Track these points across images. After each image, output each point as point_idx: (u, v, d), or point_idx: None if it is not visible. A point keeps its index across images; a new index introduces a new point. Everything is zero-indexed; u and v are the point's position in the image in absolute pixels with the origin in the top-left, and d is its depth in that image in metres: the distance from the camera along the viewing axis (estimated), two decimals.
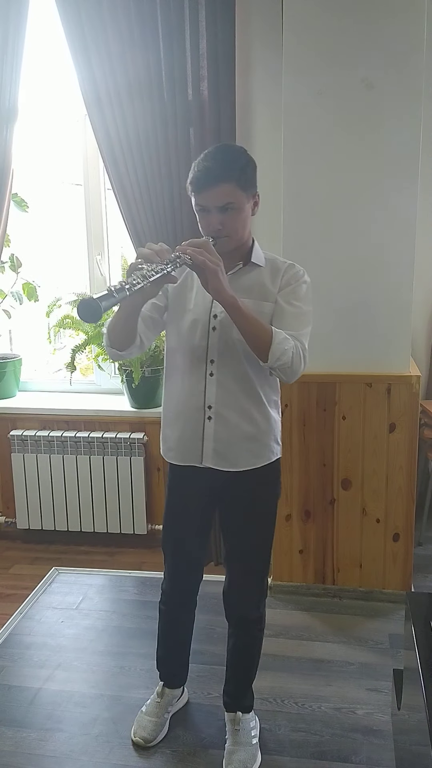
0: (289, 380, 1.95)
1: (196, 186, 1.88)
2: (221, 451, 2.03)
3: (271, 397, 2.08)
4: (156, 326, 2.07)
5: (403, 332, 2.91)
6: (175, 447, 2.10)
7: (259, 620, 2.25)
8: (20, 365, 3.93)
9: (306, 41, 2.75)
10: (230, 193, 1.86)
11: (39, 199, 3.78)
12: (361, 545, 3.07)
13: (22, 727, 2.39)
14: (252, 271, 2.02)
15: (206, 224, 1.92)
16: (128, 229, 3.34)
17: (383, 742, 2.29)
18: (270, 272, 2.02)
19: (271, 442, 2.09)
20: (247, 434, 2.03)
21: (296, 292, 2.00)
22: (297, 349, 1.90)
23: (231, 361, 1.98)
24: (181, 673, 2.46)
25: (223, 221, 1.89)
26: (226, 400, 2.00)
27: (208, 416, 2.02)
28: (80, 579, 3.39)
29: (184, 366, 2.04)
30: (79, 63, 3.17)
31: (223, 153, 1.90)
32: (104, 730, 2.38)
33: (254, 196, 1.96)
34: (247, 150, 1.96)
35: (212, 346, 1.98)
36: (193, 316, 2.01)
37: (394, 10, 2.66)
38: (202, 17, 3.05)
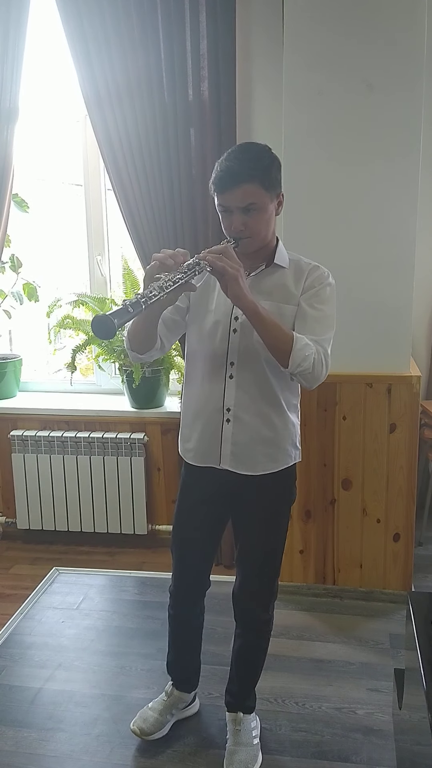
0: (311, 386, 1.92)
1: (219, 186, 1.85)
2: (239, 454, 2.01)
3: (291, 401, 2.06)
4: (177, 328, 2.06)
5: (403, 332, 2.91)
6: (194, 448, 2.09)
7: (267, 622, 2.24)
8: (20, 365, 3.93)
9: (307, 42, 2.76)
10: (253, 193, 1.83)
11: (39, 200, 3.78)
12: (362, 545, 3.08)
13: (22, 726, 2.39)
14: (275, 273, 1.99)
15: (228, 225, 1.89)
16: (129, 229, 3.34)
17: (384, 742, 2.29)
18: (294, 274, 1.99)
19: (289, 446, 2.07)
20: (265, 438, 2.01)
21: (319, 294, 1.97)
22: (318, 355, 1.87)
23: (251, 364, 1.96)
24: (192, 678, 2.43)
25: (246, 222, 1.86)
26: (245, 403, 1.98)
27: (226, 419, 2.00)
28: (81, 579, 3.39)
29: (204, 367, 2.02)
30: (80, 63, 3.17)
31: (246, 152, 1.87)
32: (105, 729, 2.38)
33: (278, 196, 1.92)
34: (271, 148, 1.92)
35: (233, 348, 1.97)
36: (214, 317, 1.99)
37: (394, 12, 2.66)
38: (202, 18, 3.05)
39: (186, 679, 2.42)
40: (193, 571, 2.25)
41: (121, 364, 3.63)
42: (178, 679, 2.41)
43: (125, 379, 3.62)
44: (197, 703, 2.49)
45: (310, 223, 2.89)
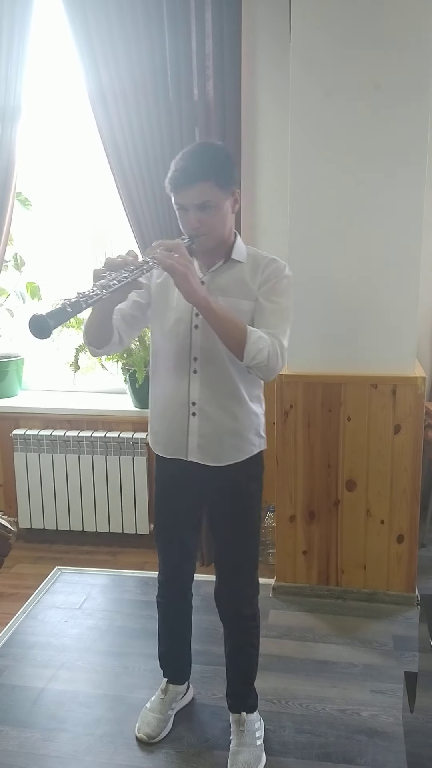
0: (267, 378, 1.98)
1: (174, 185, 1.89)
2: (205, 446, 2.06)
3: (253, 392, 2.10)
4: (137, 323, 2.10)
5: (408, 333, 2.91)
6: (162, 441, 2.14)
7: (253, 617, 2.26)
8: (23, 364, 3.93)
9: (314, 41, 2.74)
10: (207, 191, 1.87)
11: (43, 198, 3.77)
12: (366, 546, 3.07)
13: (25, 727, 2.39)
14: (233, 268, 2.02)
15: (185, 222, 1.93)
16: (132, 228, 3.33)
17: (388, 744, 2.28)
18: (251, 268, 2.02)
19: (252, 435, 2.11)
20: (230, 429, 2.06)
21: (276, 288, 2.00)
22: (274, 347, 1.90)
23: (214, 358, 2.00)
24: (184, 668, 2.46)
25: (202, 219, 1.90)
26: (209, 397, 2.03)
27: (192, 412, 2.05)
28: (83, 579, 3.38)
29: (168, 363, 2.06)
30: (85, 62, 3.17)
31: (200, 152, 1.91)
32: (108, 730, 2.37)
33: (234, 194, 1.96)
34: (225, 147, 1.97)
35: (195, 344, 2.01)
36: (176, 314, 2.02)
37: (402, 11, 2.65)
38: (208, 17, 3.05)
39: (178, 670, 2.45)
40: (176, 560, 2.30)
41: (123, 364, 3.62)
42: (171, 671, 2.44)
43: (128, 379, 3.61)
44: (191, 689, 2.53)
45: (316, 222, 2.88)
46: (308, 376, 2.97)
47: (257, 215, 3.38)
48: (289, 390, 2.99)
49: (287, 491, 3.08)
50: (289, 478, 3.07)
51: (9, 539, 1.91)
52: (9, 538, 1.91)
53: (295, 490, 3.07)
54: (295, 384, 2.98)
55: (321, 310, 2.95)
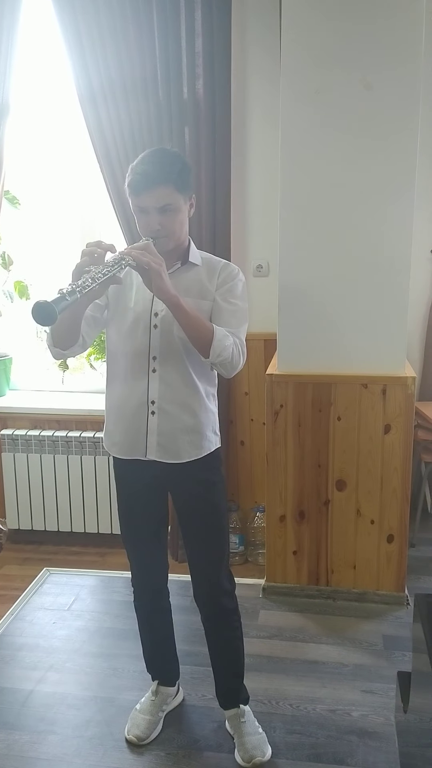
0: (229, 375, 2.04)
1: (136, 188, 1.93)
2: (164, 443, 2.08)
3: (209, 390, 2.15)
4: (97, 325, 2.12)
5: (398, 333, 2.91)
6: (120, 441, 2.14)
7: (235, 610, 2.28)
8: (11, 364, 3.90)
9: (304, 40, 2.74)
10: (168, 194, 1.92)
11: (31, 197, 3.75)
12: (356, 546, 3.06)
13: (14, 729, 2.37)
14: (190, 271, 2.08)
15: (145, 225, 1.97)
16: (122, 227, 3.32)
17: (379, 744, 2.28)
18: (207, 271, 2.09)
19: (209, 432, 2.14)
20: (188, 427, 2.08)
21: (232, 290, 2.07)
22: (236, 345, 1.99)
23: (172, 357, 2.04)
24: (172, 668, 2.46)
25: (162, 222, 1.95)
26: (169, 395, 2.06)
27: (151, 411, 2.07)
28: (72, 580, 3.36)
29: (126, 363, 2.08)
30: (74, 59, 3.15)
31: (160, 157, 1.96)
32: (98, 732, 2.36)
33: (191, 198, 2.03)
34: (181, 153, 2.05)
35: (154, 343, 2.04)
36: (134, 314, 2.06)
37: (392, 11, 2.65)
38: (198, 15, 3.04)
39: (166, 671, 2.45)
40: (147, 561, 2.30)
41: None
42: (159, 673, 2.43)
43: None
44: (182, 691, 2.52)
45: (306, 223, 2.87)
46: (298, 375, 2.96)
47: (247, 215, 3.37)
48: (280, 390, 2.98)
49: (277, 491, 3.07)
50: (279, 477, 3.06)
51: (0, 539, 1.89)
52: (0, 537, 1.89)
53: (285, 490, 3.07)
54: (286, 384, 2.97)
55: (311, 310, 2.94)
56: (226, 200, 3.22)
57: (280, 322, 2.98)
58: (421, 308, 3.55)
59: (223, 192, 3.21)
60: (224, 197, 3.22)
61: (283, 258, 2.92)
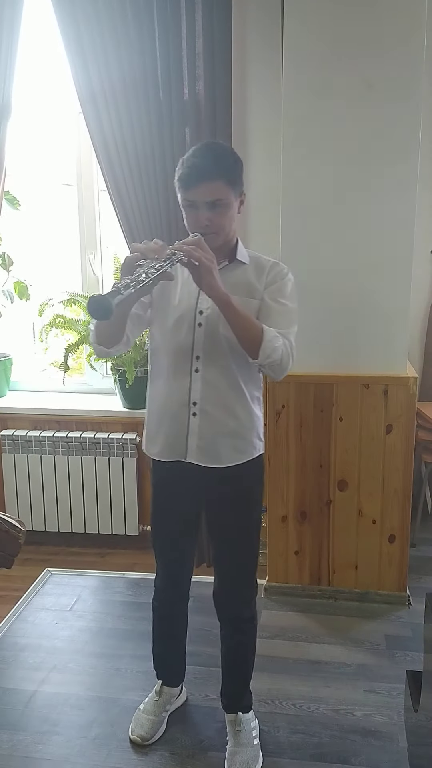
0: (278, 377, 1.97)
1: (186, 182, 1.88)
2: (205, 447, 2.02)
3: (254, 393, 2.08)
4: (141, 323, 2.08)
5: (400, 333, 2.91)
6: (160, 443, 2.09)
7: (251, 619, 2.25)
8: (11, 364, 3.90)
9: (306, 41, 2.75)
10: (219, 189, 1.87)
11: (32, 198, 3.75)
12: (357, 546, 3.07)
13: (17, 730, 2.36)
14: (237, 269, 2.02)
15: (194, 220, 1.92)
16: (122, 228, 3.32)
17: (382, 743, 2.28)
18: (255, 270, 2.03)
19: (254, 438, 2.09)
20: (231, 430, 2.03)
21: (282, 290, 2.02)
22: (286, 347, 1.92)
23: (217, 357, 1.98)
24: (179, 670, 2.45)
25: (211, 218, 1.89)
26: (211, 397, 2.00)
27: (192, 412, 2.01)
28: (73, 580, 3.36)
29: (169, 362, 2.03)
30: (74, 60, 3.15)
31: (212, 150, 1.92)
32: (101, 732, 2.35)
33: (241, 194, 1.97)
34: (233, 149, 1.98)
35: (198, 342, 1.98)
36: (178, 312, 2.00)
37: (394, 10, 2.66)
38: (198, 16, 3.04)
39: (173, 673, 2.43)
40: (175, 566, 2.28)
41: (113, 364, 3.60)
42: (165, 673, 2.42)
43: (117, 379, 3.59)
44: (185, 691, 2.51)
45: (308, 222, 2.88)
46: (300, 376, 2.96)
47: (249, 215, 3.37)
48: (281, 390, 2.99)
49: (279, 491, 3.08)
50: (281, 478, 3.06)
51: (19, 539, 1.88)
52: (19, 537, 1.88)
53: (286, 490, 3.07)
54: (287, 384, 2.97)
55: (313, 310, 2.93)
56: None
57: None
58: (422, 308, 3.56)
59: None
60: None
61: (285, 258, 2.91)
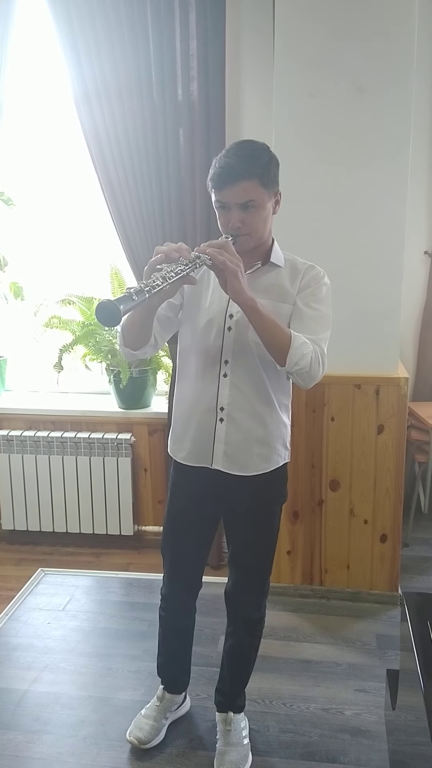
0: (307, 386, 1.91)
1: (218, 182, 1.83)
2: (231, 454, 1.99)
3: (282, 401, 2.04)
4: (171, 325, 2.03)
5: (391, 333, 2.92)
6: (187, 447, 2.05)
7: (260, 621, 2.24)
8: (6, 365, 3.91)
9: (297, 44, 2.76)
10: (252, 190, 1.82)
11: (26, 198, 3.76)
12: (349, 546, 3.08)
13: (8, 729, 2.37)
14: (271, 271, 1.98)
15: (226, 221, 1.87)
16: (116, 228, 3.33)
17: (371, 742, 2.29)
18: (289, 273, 1.98)
19: (280, 446, 2.05)
20: (258, 438, 1.99)
21: (316, 294, 1.96)
22: (316, 354, 1.86)
23: (246, 362, 1.94)
24: (183, 679, 2.42)
25: (244, 219, 1.85)
26: (239, 403, 1.96)
27: (219, 418, 1.97)
28: (67, 580, 3.37)
29: (197, 366, 2.00)
30: (69, 61, 3.16)
31: (245, 149, 1.85)
32: (92, 731, 2.36)
33: (276, 194, 1.91)
34: (269, 147, 1.90)
35: (227, 346, 1.94)
36: (208, 315, 1.96)
37: (385, 14, 2.67)
38: (192, 18, 3.05)
39: (177, 681, 2.41)
40: (185, 574, 2.23)
41: (108, 364, 3.61)
42: (169, 681, 2.39)
43: (112, 380, 3.60)
44: (188, 701, 2.49)
45: (299, 224, 2.88)
46: None
47: None
48: None
49: None
50: None
51: None
52: None
53: None
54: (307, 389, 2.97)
55: None
56: None
57: None
58: (414, 309, 3.57)
59: None
60: None
61: None
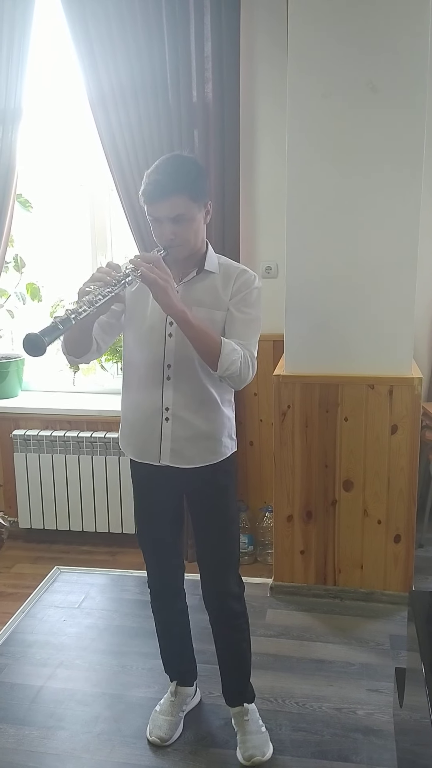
0: (238, 387, 2.05)
1: (148, 198, 1.93)
2: (178, 449, 2.09)
3: (224, 396, 2.14)
4: (113, 330, 2.13)
5: (405, 334, 2.92)
6: (134, 444, 2.16)
7: (243, 613, 2.29)
8: (23, 365, 3.95)
9: (310, 46, 2.76)
10: (181, 204, 1.91)
11: (43, 200, 3.79)
12: (363, 546, 3.08)
13: (24, 724, 2.40)
14: (206, 279, 2.07)
15: (159, 234, 1.97)
16: (132, 229, 3.35)
17: (384, 742, 2.29)
18: (222, 278, 2.07)
19: (225, 438, 2.16)
20: (203, 433, 2.09)
21: (246, 299, 2.05)
22: (245, 359, 1.98)
23: (187, 366, 2.04)
24: (191, 668, 2.47)
25: (176, 231, 1.94)
26: (183, 402, 2.07)
27: (165, 417, 2.08)
28: (82, 578, 3.40)
29: (141, 369, 2.09)
30: (85, 64, 3.19)
31: (173, 165, 1.94)
32: (106, 728, 2.39)
33: (206, 206, 2.01)
34: (197, 160, 2.02)
35: (169, 351, 2.04)
36: (149, 322, 2.06)
37: (398, 14, 2.67)
38: (207, 20, 3.07)
39: (185, 671, 2.46)
40: (164, 562, 2.31)
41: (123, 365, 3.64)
42: (179, 673, 2.44)
43: None
44: (198, 691, 2.53)
45: (314, 224, 2.90)
46: (306, 376, 2.99)
47: (255, 217, 3.40)
48: (287, 390, 3.01)
49: (285, 491, 3.10)
50: (287, 478, 3.08)
51: (1, 534, 1.93)
52: (1, 533, 1.93)
53: (292, 490, 3.09)
54: (293, 384, 3.00)
55: (318, 310, 2.96)
56: (234, 203, 3.25)
57: (288, 323, 3.01)
58: (428, 309, 3.56)
59: (232, 194, 3.24)
60: (233, 200, 3.24)
61: (291, 260, 2.95)
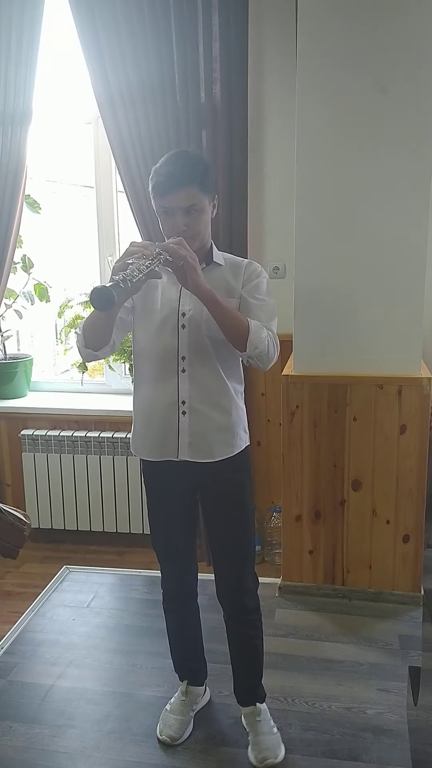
0: (265, 367, 2.06)
1: (161, 189, 1.95)
2: (196, 443, 2.09)
3: (237, 387, 2.16)
4: (125, 327, 2.14)
5: (414, 333, 2.92)
6: (150, 443, 2.14)
7: (257, 609, 2.29)
8: (31, 365, 3.96)
9: (320, 44, 2.77)
10: (194, 195, 1.95)
11: (51, 201, 3.81)
12: (371, 546, 3.08)
13: (34, 723, 2.41)
14: (215, 271, 2.10)
15: (170, 226, 1.99)
16: (140, 230, 3.36)
17: (393, 741, 2.29)
18: (231, 270, 2.12)
19: (240, 430, 2.17)
20: (220, 425, 2.10)
21: (259, 286, 2.10)
22: (270, 338, 2.02)
23: (201, 356, 2.06)
24: (201, 668, 2.48)
25: (188, 222, 1.98)
26: (199, 395, 2.07)
27: (182, 411, 2.07)
28: (91, 578, 3.41)
29: (155, 364, 2.09)
30: (93, 65, 3.20)
31: (184, 158, 2.00)
32: (116, 726, 2.40)
33: (214, 199, 2.06)
34: (203, 155, 2.08)
35: (182, 343, 2.05)
36: (161, 315, 2.07)
37: (407, 14, 2.67)
38: (215, 21, 3.07)
39: (196, 672, 2.46)
40: (179, 564, 2.30)
41: (131, 365, 3.65)
42: (190, 672, 2.45)
43: None
44: (209, 691, 2.54)
45: (323, 224, 2.90)
46: (314, 376, 2.99)
47: (264, 217, 3.40)
48: (296, 390, 3.01)
49: (293, 491, 3.10)
50: (295, 477, 3.09)
51: (24, 531, 1.94)
52: (24, 530, 1.94)
53: (301, 490, 3.09)
54: (302, 384, 3.00)
55: (327, 310, 2.97)
56: (243, 203, 3.25)
57: (296, 323, 3.01)
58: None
59: (240, 194, 3.24)
60: (241, 200, 3.25)
61: (299, 260, 2.95)
